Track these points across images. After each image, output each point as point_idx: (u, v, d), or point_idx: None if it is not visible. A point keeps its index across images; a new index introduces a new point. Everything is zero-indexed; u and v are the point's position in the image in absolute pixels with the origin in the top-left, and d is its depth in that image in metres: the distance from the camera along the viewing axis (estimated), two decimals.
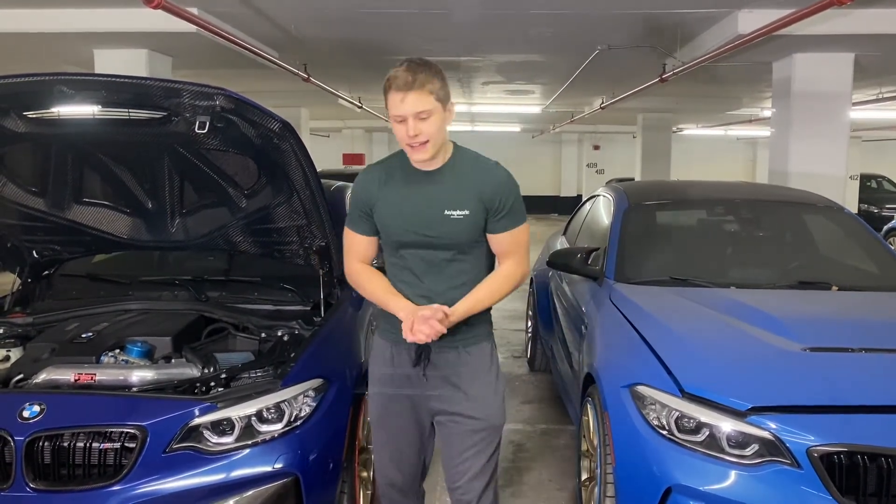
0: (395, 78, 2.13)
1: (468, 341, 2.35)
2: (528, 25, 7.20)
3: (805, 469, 2.29)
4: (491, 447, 2.39)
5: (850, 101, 8.02)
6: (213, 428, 2.50)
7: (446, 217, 2.24)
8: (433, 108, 2.15)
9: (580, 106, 15.66)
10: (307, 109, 15.78)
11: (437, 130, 2.17)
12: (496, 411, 2.39)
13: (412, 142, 2.16)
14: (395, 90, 2.13)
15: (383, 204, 2.31)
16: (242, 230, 3.23)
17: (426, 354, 2.32)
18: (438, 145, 2.22)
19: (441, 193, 2.26)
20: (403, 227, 2.29)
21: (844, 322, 3.17)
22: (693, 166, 23.18)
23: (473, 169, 2.29)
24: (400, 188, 2.31)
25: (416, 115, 2.13)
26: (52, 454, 2.40)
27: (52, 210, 3.19)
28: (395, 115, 2.16)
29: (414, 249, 2.30)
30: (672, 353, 2.77)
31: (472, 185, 2.26)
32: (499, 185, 2.27)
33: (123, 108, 2.64)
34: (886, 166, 20.97)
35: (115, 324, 3.18)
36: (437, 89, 2.16)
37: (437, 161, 2.27)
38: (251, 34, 7.49)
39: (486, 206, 2.25)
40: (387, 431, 2.47)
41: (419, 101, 2.12)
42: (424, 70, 2.14)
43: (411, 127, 2.14)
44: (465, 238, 2.26)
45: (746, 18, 6.40)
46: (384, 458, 2.51)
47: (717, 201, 4.47)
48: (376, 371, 2.46)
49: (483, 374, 2.37)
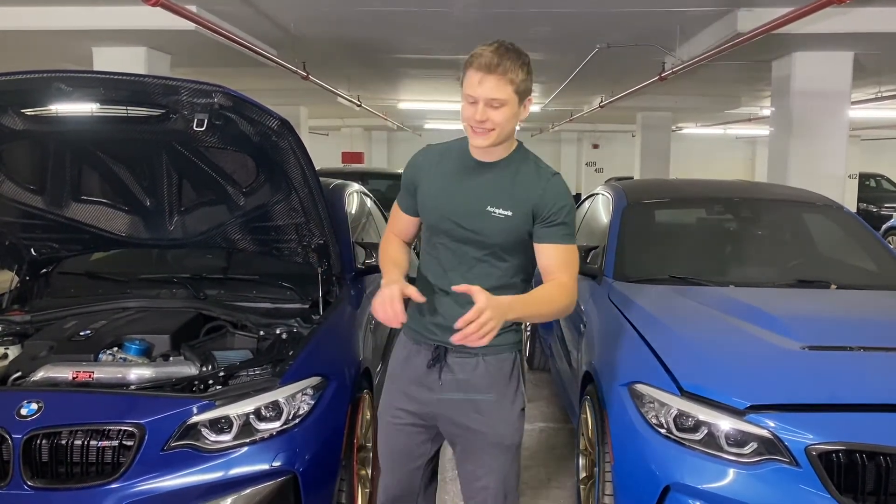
0: (480, 56, 1.99)
1: (489, 350, 2.15)
2: (528, 24, 7.20)
3: (803, 467, 2.29)
4: (505, 465, 2.22)
5: (849, 100, 8.03)
6: (212, 426, 2.49)
7: (487, 213, 2.10)
8: (508, 99, 2.01)
9: (579, 105, 15.67)
10: (306, 108, 15.79)
11: (505, 121, 2.03)
12: (509, 429, 2.21)
13: (477, 126, 2.03)
14: (475, 69, 1.99)
15: (428, 185, 2.20)
16: (241, 228, 3.22)
17: (443, 356, 2.20)
18: (503, 137, 2.08)
19: (489, 187, 2.13)
20: (441, 212, 2.17)
21: (843, 321, 3.17)
22: (692, 165, 23.20)
23: (530, 172, 2.15)
24: (449, 172, 2.19)
25: (488, 101, 1.99)
26: (50, 452, 2.39)
27: (50, 208, 3.19)
28: (467, 95, 2.02)
29: (447, 240, 2.18)
30: (671, 351, 2.77)
31: (525, 188, 2.11)
32: (554, 194, 2.11)
33: (121, 106, 2.63)
34: (885, 165, 21.00)
35: (114, 322, 3.18)
36: (520, 80, 2.02)
37: (496, 154, 2.14)
38: (250, 32, 7.49)
39: (534, 213, 2.10)
40: (385, 433, 2.35)
41: (497, 87, 1.98)
42: (512, 56, 2.00)
43: (480, 111, 2.00)
44: (501, 239, 2.12)
45: (745, 17, 6.40)
46: (382, 463, 2.38)
47: (716, 200, 4.47)
48: (392, 365, 2.35)
49: (500, 387, 2.20)
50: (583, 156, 26.19)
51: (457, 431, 2.24)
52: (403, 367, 2.30)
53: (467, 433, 2.22)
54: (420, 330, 2.24)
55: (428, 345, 2.23)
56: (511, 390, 2.22)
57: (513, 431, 2.23)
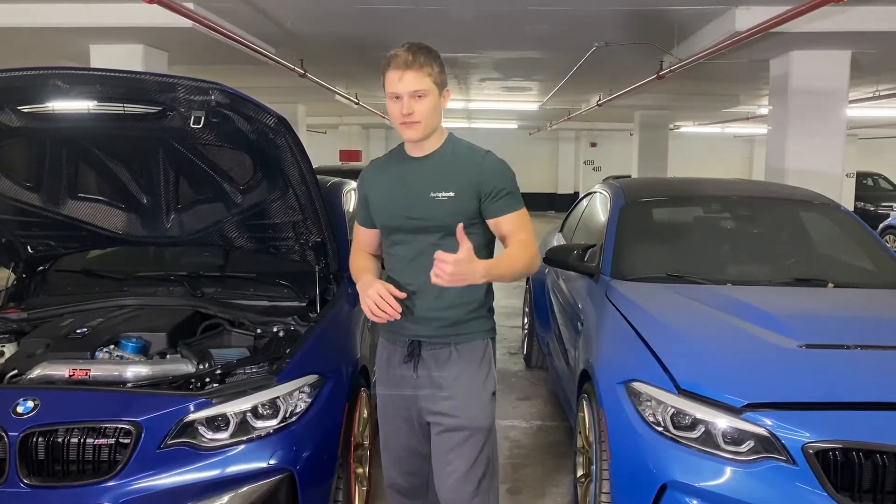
0: (395, 57, 2.18)
1: (462, 337, 2.33)
2: (525, 22, 7.19)
3: (800, 465, 2.29)
4: (475, 450, 2.31)
5: (846, 99, 8.03)
6: (208, 424, 2.49)
7: (431, 199, 2.24)
8: (429, 90, 2.19)
9: (577, 103, 15.66)
10: (304, 106, 15.75)
11: (430, 112, 2.20)
12: (480, 413, 2.32)
13: (405, 119, 2.19)
14: (393, 68, 2.18)
15: (376, 190, 2.38)
16: (238, 226, 3.21)
17: (417, 350, 2.33)
18: (431, 127, 2.24)
19: (429, 177, 2.27)
20: (390, 210, 2.32)
21: (840, 319, 3.17)
22: (690, 164, 23.19)
23: (464, 155, 2.31)
24: (391, 174, 2.36)
25: (411, 94, 2.17)
26: (47, 450, 2.39)
27: (46, 205, 3.18)
28: (391, 93, 2.19)
29: (401, 235, 2.31)
30: (668, 349, 2.77)
31: (462, 170, 2.26)
32: (490, 169, 2.27)
33: (118, 103, 2.62)
34: (882, 164, 21.01)
35: (110, 319, 3.17)
36: (436, 73, 2.21)
37: (429, 147, 2.30)
38: (248, 30, 7.48)
39: (477, 191, 2.24)
40: (385, 433, 2.48)
41: (416, 80, 2.16)
42: (424, 53, 2.19)
43: (406, 105, 2.17)
44: (449, 220, 2.20)
45: (743, 15, 6.40)
46: (386, 460, 2.50)
47: (714, 198, 4.47)
48: (378, 371, 2.49)
49: (470, 372, 2.33)
50: (581, 154, 26.16)
51: (433, 419, 2.35)
52: (387, 368, 2.43)
53: (441, 417, 2.33)
54: (393, 329, 2.36)
55: (402, 342, 2.36)
56: (482, 376, 2.35)
57: (483, 415, 2.33)
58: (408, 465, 2.47)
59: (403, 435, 2.44)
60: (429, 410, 2.35)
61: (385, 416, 2.47)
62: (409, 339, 2.34)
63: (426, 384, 2.34)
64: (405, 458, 2.46)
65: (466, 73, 11.34)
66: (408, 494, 2.53)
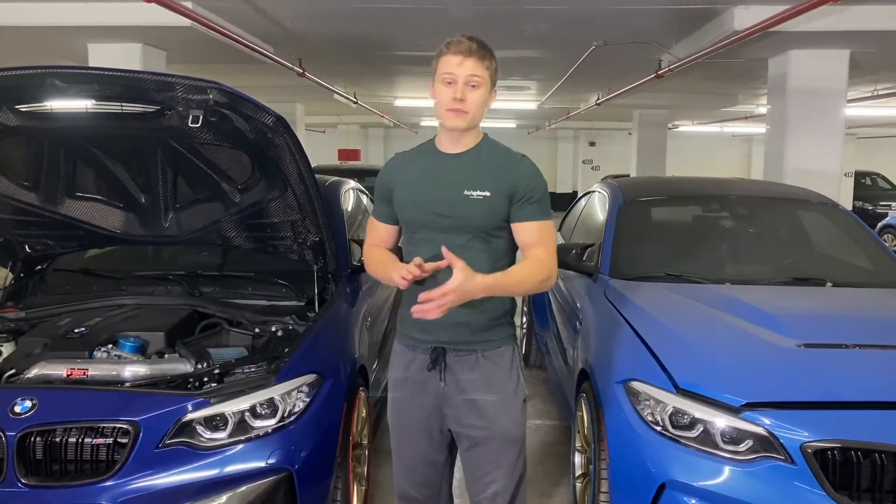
0: (458, 42, 2.14)
1: (487, 344, 2.24)
2: (524, 21, 7.19)
3: (799, 465, 2.29)
4: (511, 459, 2.27)
5: (845, 98, 8.03)
6: (206, 423, 2.49)
7: (465, 197, 2.16)
8: (484, 80, 2.15)
9: (576, 102, 15.66)
10: (302, 105, 15.75)
11: (480, 104, 2.17)
12: (512, 422, 2.26)
13: (455, 105, 2.13)
14: (454, 53, 2.13)
15: (403, 185, 2.27)
16: (236, 225, 3.21)
17: (441, 358, 2.23)
18: (475, 121, 2.20)
19: (463, 174, 2.20)
20: (419, 205, 2.22)
21: (839, 318, 3.17)
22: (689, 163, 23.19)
23: (500, 156, 2.24)
24: (421, 168, 2.28)
25: (467, 79, 2.12)
26: (44, 449, 2.39)
27: (44, 204, 3.17)
28: (446, 73, 2.13)
29: (428, 232, 2.21)
30: (667, 349, 2.77)
31: (497, 171, 2.20)
32: (525, 174, 2.21)
33: (116, 102, 2.62)
34: (881, 163, 21.02)
35: (108, 319, 3.17)
36: (493, 70, 2.19)
37: (465, 143, 2.24)
38: (246, 29, 7.47)
39: (509, 192, 2.17)
40: (398, 440, 2.38)
41: (476, 67, 2.12)
42: (486, 47, 2.17)
43: (460, 90, 2.12)
44: (482, 221, 2.17)
45: (742, 14, 6.40)
46: (397, 468, 2.41)
47: (713, 197, 4.47)
48: (392, 375, 2.37)
49: (500, 382, 2.25)
50: (579, 153, 26.17)
51: (462, 430, 2.27)
52: (406, 375, 2.31)
53: (472, 430, 2.25)
54: (414, 335, 2.27)
55: (424, 349, 2.26)
56: (512, 385, 2.27)
57: (518, 424, 2.28)
58: (420, 474, 2.37)
59: (418, 443, 2.33)
60: (458, 421, 2.26)
61: (399, 423, 2.36)
62: (432, 345, 2.24)
63: (454, 393, 2.24)
64: (418, 467, 2.36)
65: None
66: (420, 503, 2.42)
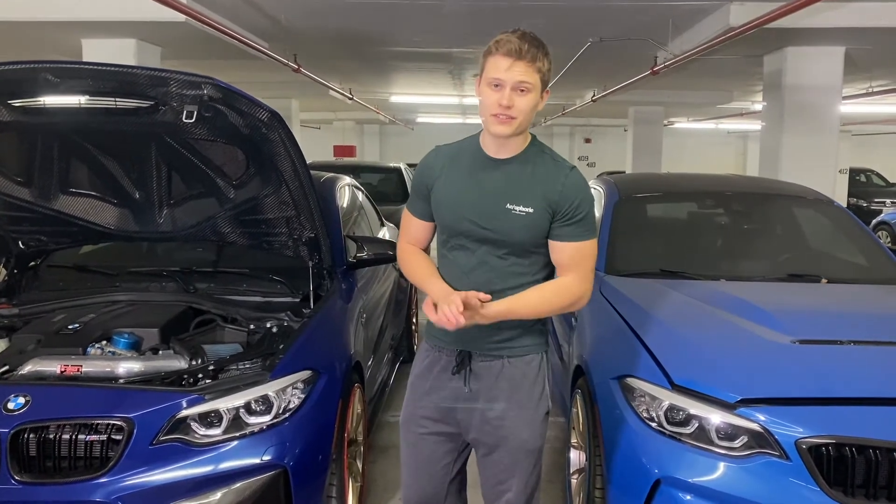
0: (507, 42, 1.96)
1: (515, 351, 2.16)
2: (520, 17, 7.18)
3: (793, 461, 2.29)
4: (526, 470, 2.20)
5: (840, 95, 8.06)
6: (201, 420, 2.48)
7: (507, 211, 2.05)
8: (534, 85, 1.98)
9: (572, 99, 15.69)
10: (298, 101, 15.73)
11: (529, 110, 2.00)
12: (533, 434, 2.18)
13: (501, 111, 1.98)
14: (503, 54, 1.96)
15: (443, 185, 2.15)
16: (231, 221, 3.20)
17: (467, 362, 2.16)
18: (523, 127, 2.04)
19: (506, 185, 2.07)
20: (459, 213, 2.10)
21: (834, 314, 3.18)
22: (684, 159, 23.26)
23: (547, 166, 2.09)
24: (463, 171, 2.13)
25: (516, 86, 1.96)
26: (38, 446, 2.37)
27: (38, 200, 3.16)
28: (493, 78, 1.97)
29: (465, 241, 2.12)
30: (662, 345, 2.77)
31: (543, 183, 2.06)
32: (572, 189, 2.06)
33: (110, 97, 2.60)
34: (875, 160, 21.08)
35: (102, 315, 3.15)
36: (545, 70, 2.01)
37: (512, 149, 2.09)
38: (241, 24, 7.46)
39: (552, 209, 2.04)
40: (408, 441, 2.31)
41: (525, 72, 1.95)
42: (538, 45, 1.99)
43: (507, 96, 1.96)
44: (522, 237, 2.06)
45: (738, 11, 6.42)
46: (407, 471, 2.34)
47: (708, 194, 4.47)
48: (413, 374, 2.31)
49: (525, 390, 2.17)
50: (575, 150, 26.21)
51: (481, 437, 2.22)
52: (427, 376, 2.25)
53: (491, 438, 2.20)
54: (441, 336, 2.20)
55: (450, 350, 2.20)
56: (535, 395, 2.19)
57: (536, 436, 2.20)
58: (426, 475, 2.30)
59: (429, 444, 2.27)
60: (477, 428, 2.19)
61: (410, 422, 2.28)
62: (458, 349, 2.17)
63: (477, 399, 2.17)
64: (425, 468, 2.29)
65: (461, 69, 11.33)
66: None
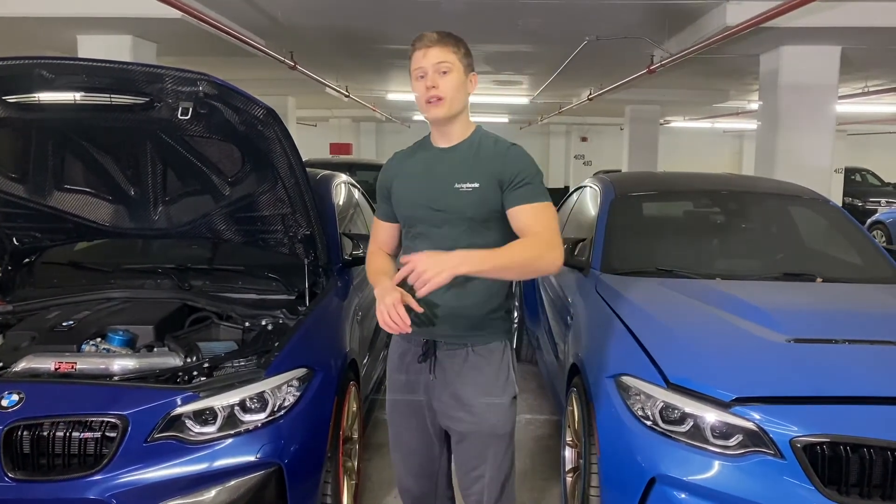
0: (422, 37, 2.18)
1: (478, 340, 2.26)
2: (517, 15, 7.18)
3: (788, 459, 2.30)
4: (499, 454, 2.29)
5: (836, 95, 8.06)
6: (196, 417, 2.48)
7: (455, 189, 2.18)
8: (453, 65, 2.16)
9: (568, 97, 15.68)
10: (294, 98, 15.69)
11: (454, 89, 2.16)
12: (501, 418, 2.27)
13: (429, 95, 2.15)
14: (419, 47, 2.17)
15: (400, 182, 2.32)
16: (226, 218, 3.19)
17: (432, 351, 2.26)
18: (455, 108, 2.19)
19: (454, 168, 2.22)
20: (414, 201, 2.26)
21: (829, 313, 3.18)
22: (680, 158, 23.26)
23: (490, 146, 2.25)
24: (416, 165, 2.31)
25: (436, 67, 2.14)
26: (32, 444, 2.37)
27: (32, 197, 3.14)
28: (416, 69, 2.17)
29: (423, 227, 2.24)
30: (657, 343, 2.77)
31: (487, 161, 2.21)
32: (513, 159, 2.20)
33: (105, 94, 2.59)
34: (871, 160, 21.12)
35: (97, 312, 3.15)
36: (462, 54, 2.19)
37: (456, 137, 2.26)
38: (237, 21, 7.44)
39: (498, 180, 2.17)
40: (395, 433, 2.41)
41: (441, 54, 2.15)
42: (451, 35, 2.20)
43: (430, 79, 2.14)
44: (473, 211, 2.18)
45: (734, 10, 6.42)
46: (397, 461, 2.44)
47: (704, 193, 4.48)
48: (390, 368, 2.41)
49: (490, 377, 2.26)
50: (571, 149, 26.20)
51: (451, 424, 2.30)
52: (399, 367, 2.36)
53: (461, 424, 2.27)
54: None
55: (417, 340, 2.28)
56: (500, 381, 2.28)
57: (505, 421, 2.29)
58: (417, 466, 2.40)
59: (414, 435, 2.37)
60: (446, 415, 2.29)
61: (394, 415, 2.39)
62: (425, 338, 2.27)
63: (442, 387, 2.27)
64: (414, 459, 2.40)
65: None
66: (419, 499, 2.46)
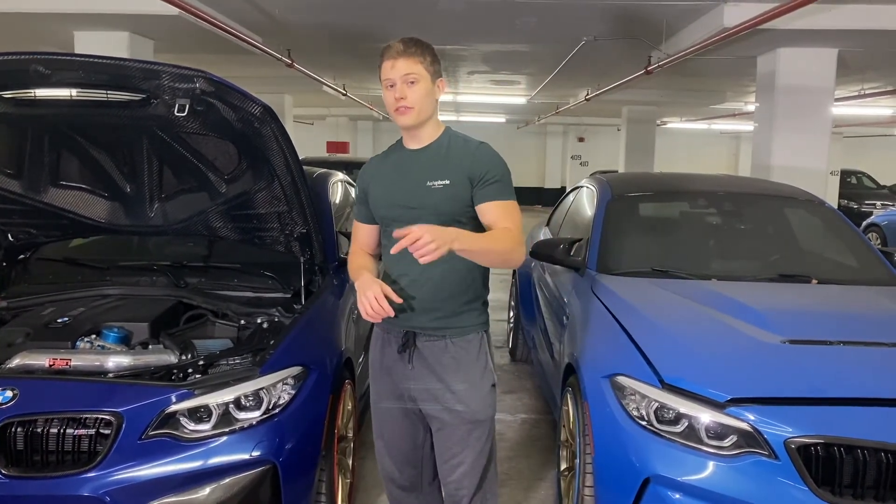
0: (389, 48, 2.25)
1: (456, 332, 2.33)
2: (514, 15, 7.18)
3: (782, 460, 2.30)
4: (479, 441, 2.37)
5: (832, 97, 8.08)
6: (190, 415, 2.47)
7: (427, 187, 2.27)
8: (420, 76, 2.23)
9: (565, 98, 15.68)
10: (291, 96, 15.66)
11: (422, 98, 2.24)
12: (481, 405, 2.35)
13: (398, 104, 2.23)
14: (387, 58, 2.24)
15: (376, 184, 2.40)
16: (222, 216, 3.18)
17: (412, 342, 2.33)
18: (424, 114, 2.27)
19: (425, 167, 2.30)
20: (389, 200, 2.34)
21: (824, 315, 3.19)
22: (677, 159, 23.30)
23: (459, 146, 2.34)
24: (391, 167, 2.40)
25: (403, 78, 2.22)
26: (26, 440, 2.36)
27: (28, 193, 3.13)
28: (385, 80, 2.25)
29: (398, 225, 2.19)
30: (652, 344, 2.78)
31: (457, 160, 2.29)
32: (482, 157, 2.29)
33: (101, 90, 2.59)
34: (866, 162, 21.16)
35: (92, 309, 3.14)
36: (428, 63, 2.26)
37: (426, 138, 2.34)
38: (235, 18, 7.42)
39: (469, 177, 2.26)
40: (379, 423, 2.48)
41: (408, 65, 2.22)
42: (416, 43, 2.26)
43: (398, 90, 2.22)
44: (446, 207, 2.25)
45: (731, 12, 6.43)
46: (381, 450, 2.51)
47: (700, 194, 4.48)
48: (372, 359, 2.48)
49: (468, 365, 2.34)
50: (568, 149, 26.20)
51: (432, 412, 2.37)
52: (381, 358, 2.43)
53: (441, 413, 2.35)
54: (389, 319, 2.30)
55: (397, 331, 2.36)
56: (479, 368, 2.36)
57: (484, 407, 2.37)
58: (401, 455, 2.48)
59: (397, 424, 2.44)
60: (426, 404, 2.36)
61: (378, 405, 2.46)
62: (404, 329, 2.34)
63: (422, 376, 2.34)
64: (399, 448, 2.47)
65: (455, 66, 11.31)
66: (404, 487, 2.54)
